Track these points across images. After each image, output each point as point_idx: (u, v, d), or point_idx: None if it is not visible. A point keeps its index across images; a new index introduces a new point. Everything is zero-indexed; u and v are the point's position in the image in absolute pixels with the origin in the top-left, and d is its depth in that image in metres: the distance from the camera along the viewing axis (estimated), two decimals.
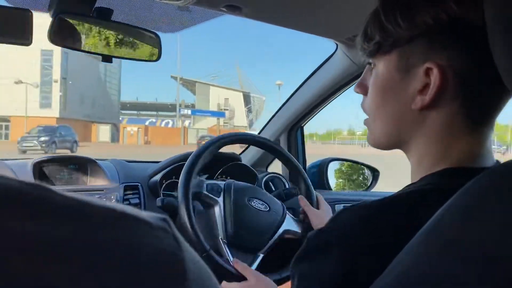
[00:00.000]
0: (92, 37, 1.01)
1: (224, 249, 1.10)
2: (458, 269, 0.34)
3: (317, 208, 1.24)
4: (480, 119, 0.55)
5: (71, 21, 0.94)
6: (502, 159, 0.55)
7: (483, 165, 0.55)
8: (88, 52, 1.02)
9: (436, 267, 0.37)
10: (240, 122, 42.65)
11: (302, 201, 1.24)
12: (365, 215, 0.54)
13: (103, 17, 0.95)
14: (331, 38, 1.31)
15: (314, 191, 1.28)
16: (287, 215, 1.22)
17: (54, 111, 35.01)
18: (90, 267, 0.19)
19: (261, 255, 1.15)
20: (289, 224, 1.21)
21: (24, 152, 19.58)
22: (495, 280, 0.32)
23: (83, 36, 0.98)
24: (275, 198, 1.27)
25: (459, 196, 0.41)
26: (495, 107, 0.55)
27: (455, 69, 0.53)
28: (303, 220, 1.24)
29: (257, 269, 1.10)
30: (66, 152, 19.22)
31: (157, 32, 1.05)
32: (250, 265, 1.10)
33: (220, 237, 1.11)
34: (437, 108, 0.55)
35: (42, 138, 21.33)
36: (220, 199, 1.13)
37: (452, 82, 0.53)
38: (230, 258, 1.09)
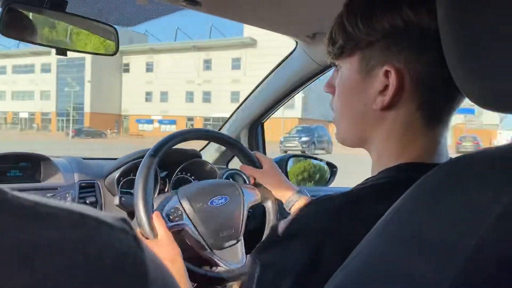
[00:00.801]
0: (46, 29, 0.97)
1: (216, 259, 1.11)
2: (413, 262, 0.35)
3: (261, 167, 1.24)
4: (436, 118, 0.58)
5: (23, 12, 0.90)
6: None
7: (437, 161, 0.58)
8: (41, 44, 0.97)
9: (392, 260, 0.38)
10: (490, 119, 39.35)
11: (245, 168, 1.24)
12: (329, 207, 0.55)
13: (57, 8, 0.91)
14: (291, 36, 1.32)
15: (252, 154, 1.27)
16: (244, 190, 1.23)
17: (296, 112, 36.50)
18: (50, 271, 0.19)
19: (242, 239, 1.18)
20: (249, 196, 1.22)
21: (285, 152, 19.24)
22: (447, 270, 0.33)
23: (36, 28, 0.94)
24: (226, 182, 1.28)
25: (412, 190, 0.42)
26: (450, 107, 0.58)
27: (411, 72, 0.55)
28: (255, 184, 1.26)
29: (246, 251, 1.15)
30: (322, 153, 18.69)
31: (114, 25, 1.02)
32: (240, 254, 1.15)
33: (207, 251, 1.12)
34: (397, 108, 0.58)
35: (304, 139, 21.22)
36: (186, 220, 1.11)
37: (409, 83, 0.56)
38: (223, 263, 1.11)
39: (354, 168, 3.58)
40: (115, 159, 1.53)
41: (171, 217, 1.10)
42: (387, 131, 0.60)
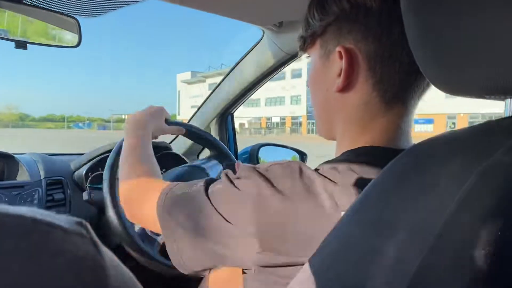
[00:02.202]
0: (2, 22, 0.93)
1: (149, 234, 1.08)
2: (383, 244, 0.36)
3: None
4: (393, 98, 0.59)
5: None
6: None
7: (398, 147, 0.59)
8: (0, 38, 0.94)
9: (363, 243, 0.38)
10: None
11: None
12: (295, 169, 0.56)
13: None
14: (257, 24, 1.31)
15: (236, 160, 1.28)
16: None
17: None
18: (2, 284, 0.18)
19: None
20: None
21: None
22: (415, 250, 0.34)
23: None
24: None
25: (381, 177, 0.43)
26: (408, 87, 0.59)
27: (362, 50, 0.58)
28: None
29: None
30: None
31: (76, 16, 0.99)
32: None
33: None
34: (354, 90, 0.59)
35: None
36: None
37: (362, 62, 0.58)
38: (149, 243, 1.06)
39: None
40: (81, 154, 1.49)
41: None
42: (347, 114, 0.61)
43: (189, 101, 67.77)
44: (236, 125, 1.83)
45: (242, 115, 59.88)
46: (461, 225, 0.32)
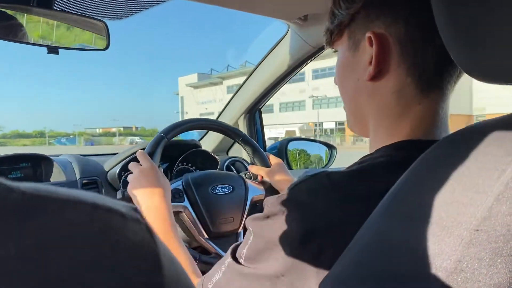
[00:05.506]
0: (34, 27, 0.96)
1: (210, 245, 1.12)
2: (418, 239, 0.35)
3: (270, 166, 1.28)
4: (428, 83, 0.56)
5: (9, 12, 0.89)
6: None
7: (436, 137, 0.56)
8: (31, 44, 0.97)
9: (397, 238, 0.38)
10: None
11: (251, 168, 1.29)
12: (324, 184, 0.53)
13: (45, 5, 0.90)
14: (281, 19, 1.31)
15: (264, 153, 1.31)
16: (249, 185, 1.25)
17: None
18: (59, 273, 0.18)
19: (242, 231, 1.19)
20: (254, 191, 1.24)
21: None
22: (451, 247, 0.33)
23: (24, 27, 0.93)
24: (232, 174, 1.30)
25: (413, 168, 0.42)
26: (442, 69, 0.56)
27: (392, 34, 0.55)
28: (262, 181, 1.29)
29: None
30: None
31: (103, 20, 1.01)
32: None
33: (202, 236, 1.12)
34: (387, 76, 0.57)
35: None
36: (186, 203, 1.13)
37: (393, 47, 0.55)
38: (219, 251, 1.11)
39: None
40: (114, 154, 1.53)
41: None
42: (381, 104, 0.59)
43: (197, 108, 56.51)
44: None
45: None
46: (499, 218, 0.32)
